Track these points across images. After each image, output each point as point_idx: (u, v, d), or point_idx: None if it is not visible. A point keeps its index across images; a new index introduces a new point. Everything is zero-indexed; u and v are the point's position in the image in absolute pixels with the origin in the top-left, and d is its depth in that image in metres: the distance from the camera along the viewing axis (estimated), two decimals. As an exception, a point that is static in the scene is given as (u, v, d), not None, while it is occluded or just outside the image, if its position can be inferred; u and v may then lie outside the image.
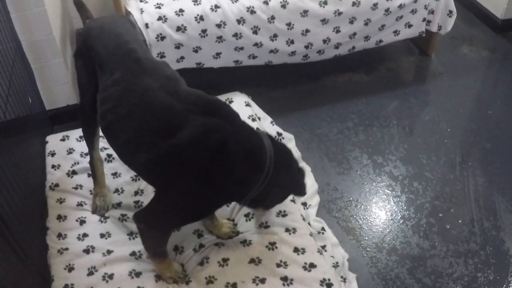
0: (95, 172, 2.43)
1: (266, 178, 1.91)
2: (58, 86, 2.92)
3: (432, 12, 3.31)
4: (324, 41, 3.10)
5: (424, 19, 3.31)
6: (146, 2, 2.89)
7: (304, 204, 2.53)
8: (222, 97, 2.81)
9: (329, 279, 2.09)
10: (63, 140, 2.79)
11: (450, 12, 3.34)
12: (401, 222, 2.55)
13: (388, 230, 2.51)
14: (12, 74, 2.41)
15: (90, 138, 2.38)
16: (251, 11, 2.89)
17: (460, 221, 2.56)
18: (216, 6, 2.87)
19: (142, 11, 2.84)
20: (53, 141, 2.79)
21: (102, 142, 2.67)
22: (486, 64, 3.66)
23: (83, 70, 2.20)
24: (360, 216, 2.58)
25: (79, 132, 2.82)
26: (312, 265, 2.15)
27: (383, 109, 3.20)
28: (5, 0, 2.52)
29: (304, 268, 2.14)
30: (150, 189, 2.50)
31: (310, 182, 2.64)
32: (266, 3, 2.91)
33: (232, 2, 2.89)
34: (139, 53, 2.02)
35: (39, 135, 2.81)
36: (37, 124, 2.83)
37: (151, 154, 1.86)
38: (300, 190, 2.17)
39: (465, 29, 3.92)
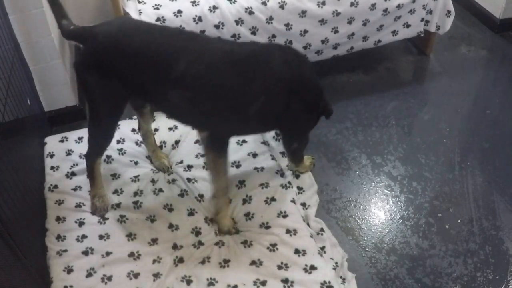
0: (94, 173, 2.43)
1: None
2: (57, 87, 2.92)
3: (430, 12, 3.31)
4: (323, 42, 3.10)
5: (422, 19, 3.30)
6: (144, 3, 2.89)
7: (303, 204, 2.53)
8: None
9: (329, 282, 2.09)
10: (61, 141, 2.79)
11: (448, 12, 3.34)
12: (400, 222, 2.55)
13: (387, 230, 2.51)
14: (11, 75, 2.41)
15: (103, 150, 2.43)
16: (249, 11, 2.89)
17: (459, 221, 2.56)
18: (214, 7, 2.86)
19: (140, 12, 2.83)
20: (52, 142, 2.79)
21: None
22: (485, 63, 3.66)
23: (103, 90, 2.15)
24: (359, 216, 2.58)
25: (77, 133, 2.84)
26: (313, 267, 2.15)
27: (382, 109, 3.20)
28: (3, 1, 2.52)
29: (305, 270, 2.14)
30: (150, 189, 2.52)
31: (309, 182, 2.65)
32: (264, 3, 2.90)
33: (231, 3, 2.89)
34: (188, 31, 2.23)
35: (38, 137, 2.81)
36: (36, 126, 2.83)
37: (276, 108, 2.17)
38: None
39: (464, 29, 3.92)
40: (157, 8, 2.85)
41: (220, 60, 2.07)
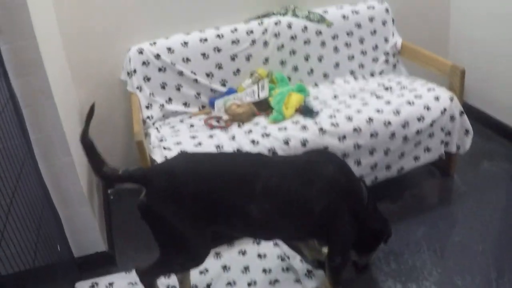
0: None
1: None
2: (86, 234, 2.94)
3: (449, 133, 3.36)
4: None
5: (442, 142, 3.34)
6: (170, 149, 2.95)
7: None
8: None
9: None
10: (92, 287, 2.78)
11: (467, 131, 3.38)
12: None
13: None
14: (41, 221, 2.45)
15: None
16: (272, 152, 2.92)
17: None
18: (238, 150, 2.88)
19: (165, 158, 2.88)
20: (82, 289, 2.78)
21: None
22: (509, 176, 3.65)
23: (187, 218, 2.18)
24: None
25: (108, 279, 2.84)
26: None
27: (412, 235, 3.16)
28: (34, 150, 2.60)
29: None
30: None
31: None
32: (286, 143, 2.94)
33: (254, 145, 2.92)
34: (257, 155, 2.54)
35: (67, 282, 2.80)
36: (65, 271, 2.83)
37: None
38: None
39: (483, 145, 3.96)
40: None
41: (287, 170, 2.34)
